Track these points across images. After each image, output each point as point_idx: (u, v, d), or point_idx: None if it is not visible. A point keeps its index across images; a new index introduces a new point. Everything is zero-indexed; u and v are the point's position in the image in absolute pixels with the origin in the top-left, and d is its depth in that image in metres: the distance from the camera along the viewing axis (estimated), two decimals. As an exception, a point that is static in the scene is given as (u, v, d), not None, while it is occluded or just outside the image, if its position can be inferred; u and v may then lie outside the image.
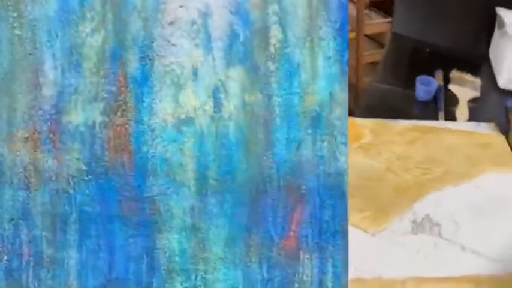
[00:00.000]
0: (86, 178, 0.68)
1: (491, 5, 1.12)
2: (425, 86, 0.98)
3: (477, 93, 1.04)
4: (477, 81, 1.07)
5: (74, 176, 0.68)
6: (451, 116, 0.98)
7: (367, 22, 2.15)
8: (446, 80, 1.06)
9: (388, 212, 0.72)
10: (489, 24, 1.15)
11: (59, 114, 0.68)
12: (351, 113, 0.88)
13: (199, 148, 0.67)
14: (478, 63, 1.11)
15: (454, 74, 1.08)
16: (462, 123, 0.96)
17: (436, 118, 0.96)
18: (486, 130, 0.87)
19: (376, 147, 0.84)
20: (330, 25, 0.68)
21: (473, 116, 0.99)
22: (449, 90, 1.05)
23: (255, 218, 0.68)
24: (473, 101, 1.03)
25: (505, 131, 0.89)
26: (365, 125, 0.89)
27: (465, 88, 1.04)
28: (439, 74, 1.06)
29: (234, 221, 0.68)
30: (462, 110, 1.00)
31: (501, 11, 1.09)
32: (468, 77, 1.08)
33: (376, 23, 2.14)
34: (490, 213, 0.67)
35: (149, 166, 0.68)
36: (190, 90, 0.67)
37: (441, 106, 0.98)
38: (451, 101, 1.02)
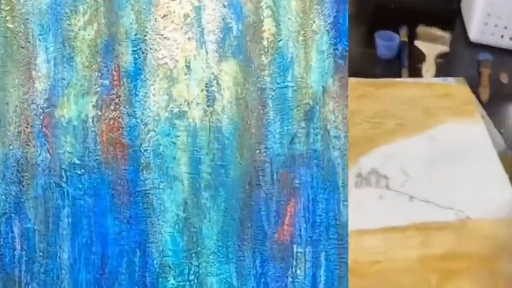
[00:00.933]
0: (78, 172, 0.68)
1: None
2: (386, 42, 0.92)
3: (446, 48, 0.98)
4: (446, 35, 1.02)
5: (66, 169, 0.68)
6: (416, 74, 0.92)
7: None
8: (413, 37, 1.00)
9: None
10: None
11: (51, 108, 0.67)
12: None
13: (192, 142, 0.67)
14: (451, 18, 1.05)
15: (421, 29, 1.02)
16: (428, 78, 0.91)
17: (399, 76, 0.90)
18: (450, 83, 0.82)
19: None
20: (323, 19, 0.67)
21: (443, 72, 0.93)
22: (416, 47, 0.99)
23: (248, 211, 0.67)
24: (442, 56, 0.98)
25: (475, 85, 0.85)
26: None
27: (432, 44, 0.99)
28: (404, 30, 0.99)
29: (227, 215, 0.67)
30: (428, 67, 0.95)
31: None
32: (436, 31, 1.02)
33: None
34: (443, 163, 0.64)
35: (142, 160, 0.68)
36: (183, 84, 0.67)
37: (404, 63, 0.92)
38: (418, 57, 0.96)
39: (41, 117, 0.67)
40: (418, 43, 1.00)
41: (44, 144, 0.68)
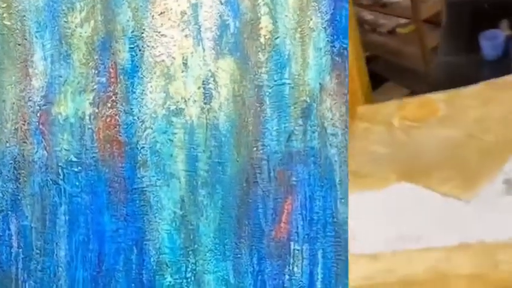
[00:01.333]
0: (75, 169, 0.68)
1: None
2: (490, 42, 0.88)
3: None
4: None
5: (63, 167, 0.68)
6: None
7: (423, 7, 2.04)
8: None
9: (478, 177, 0.69)
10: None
11: (48, 105, 0.67)
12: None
13: (189, 139, 0.67)
14: None
15: None
16: None
17: (510, 73, 0.84)
18: None
19: (452, 117, 0.82)
20: (320, 16, 0.67)
21: None
22: None
23: (246, 209, 0.67)
24: None
25: None
26: (438, 99, 0.86)
27: None
28: (504, 24, 0.93)
29: (224, 212, 0.67)
30: None
31: None
32: None
33: (431, 4, 2.09)
34: None
35: (139, 157, 0.67)
36: (180, 81, 0.67)
37: None
38: None
39: (38, 115, 0.67)
40: None
41: (40, 141, 0.67)
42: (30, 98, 0.67)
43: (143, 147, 0.67)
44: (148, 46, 0.67)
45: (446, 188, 0.70)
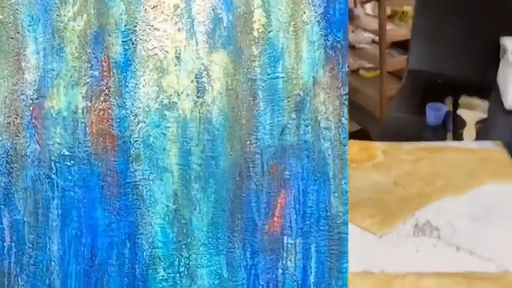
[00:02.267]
0: (68, 163, 0.67)
1: (497, 35, 1.24)
2: (434, 112, 1.08)
3: (484, 115, 1.13)
4: (485, 104, 1.17)
5: (56, 161, 0.67)
6: (459, 138, 1.07)
7: (388, 60, 2.35)
8: (457, 106, 1.17)
9: (394, 218, 0.82)
10: (497, 53, 1.26)
11: (41, 99, 0.67)
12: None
13: (182, 133, 0.67)
14: (488, 88, 1.22)
15: (463, 99, 1.18)
16: (469, 142, 1.05)
17: (445, 140, 1.06)
18: (490, 147, 0.96)
19: (387, 165, 0.96)
20: (313, 9, 0.67)
21: (482, 136, 1.06)
22: (458, 115, 1.15)
23: (239, 203, 0.67)
24: (481, 122, 1.12)
25: (510, 148, 0.97)
26: (378, 147, 1.01)
27: (473, 111, 1.14)
28: (449, 100, 1.16)
29: (217, 206, 0.67)
30: (469, 132, 1.09)
31: (504, 40, 1.21)
32: (476, 101, 1.18)
33: (397, 60, 2.35)
34: (486, 219, 0.75)
35: (132, 151, 0.67)
36: (173, 75, 0.67)
37: (449, 128, 1.08)
38: (460, 124, 1.11)
39: (31, 108, 0.67)
40: (460, 111, 1.15)
41: (33, 135, 0.67)
42: (23, 92, 0.67)
43: (136, 141, 0.67)
44: (141, 40, 0.67)
45: (367, 223, 0.82)
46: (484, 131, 1.10)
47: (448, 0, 1.31)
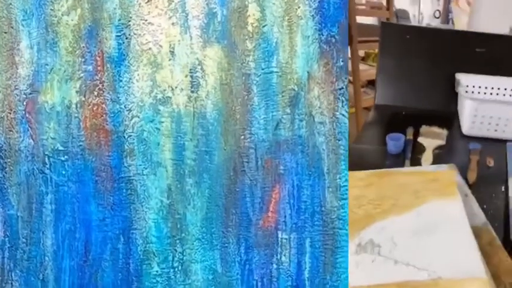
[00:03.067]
0: (62, 158, 0.67)
1: (455, 71, 1.42)
2: (394, 141, 1.17)
3: (443, 142, 1.23)
4: (444, 132, 1.27)
5: (50, 156, 0.67)
6: (417, 163, 1.14)
7: (364, 98, 2.52)
8: (418, 135, 1.28)
9: None
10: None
11: (34, 93, 0.67)
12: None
13: (176, 128, 0.67)
14: (449, 118, 1.36)
15: (423, 128, 1.28)
16: (425, 166, 1.13)
17: (403, 166, 1.13)
18: (443, 169, 1.00)
19: None
20: (308, 4, 0.67)
21: (439, 161, 1.14)
22: (419, 143, 1.24)
23: (233, 198, 0.67)
24: (439, 148, 1.21)
25: (465, 169, 1.06)
26: None
27: (432, 139, 1.24)
28: (410, 130, 1.25)
29: (211, 201, 0.67)
30: (427, 157, 1.17)
31: (458, 76, 1.38)
32: (436, 129, 1.28)
33: (372, 97, 2.48)
34: (424, 234, 0.78)
35: (126, 146, 0.67)
36: (167, 70, 0.67)
37: (408, 155, 1.16)
38: (419, 150, 1.20)
39: (24, 103, 0.67)
40: (420, 139, 1.24)
41: (27, 130, 0.67)
42: (17, 87, 0.67)
43: (130, 135, 0.67)
44: (135, 34, 0.67)
45: None
46: (441, 156, 1.17)
47: (409, 43, 1.47)
